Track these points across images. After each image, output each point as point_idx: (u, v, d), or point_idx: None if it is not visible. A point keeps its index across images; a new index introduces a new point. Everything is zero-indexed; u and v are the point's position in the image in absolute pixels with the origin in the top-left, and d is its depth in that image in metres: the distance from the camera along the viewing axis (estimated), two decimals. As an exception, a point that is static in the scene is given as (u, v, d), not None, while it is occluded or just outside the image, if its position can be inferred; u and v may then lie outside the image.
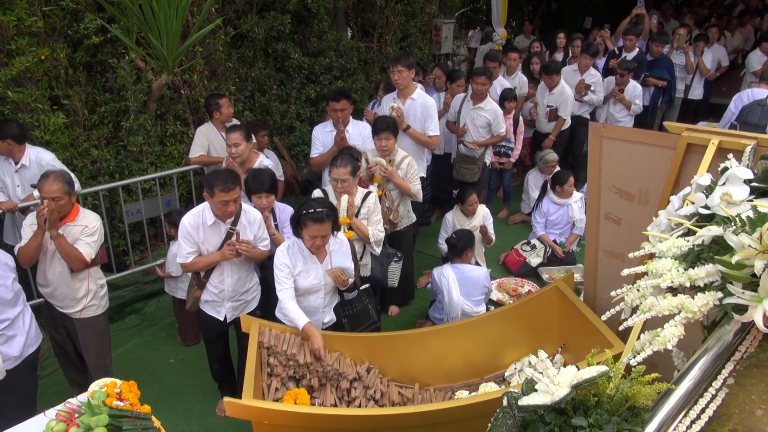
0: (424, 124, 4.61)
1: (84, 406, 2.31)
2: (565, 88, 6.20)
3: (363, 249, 3.86)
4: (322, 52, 6.38)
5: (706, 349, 1.27)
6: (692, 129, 2.35)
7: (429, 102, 4.66)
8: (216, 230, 3.28)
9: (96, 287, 3.37)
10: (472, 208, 4.80)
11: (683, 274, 1.27)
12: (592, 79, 6.60)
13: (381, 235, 3.80)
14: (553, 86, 6.16)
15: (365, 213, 3.77)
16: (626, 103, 6.51)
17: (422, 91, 4.80)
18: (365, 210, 3.77)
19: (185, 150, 5.17)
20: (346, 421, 2.63)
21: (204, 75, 5.27)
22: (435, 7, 7.63)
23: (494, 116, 5.37)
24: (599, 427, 1.22)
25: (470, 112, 5.41)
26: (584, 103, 6.60)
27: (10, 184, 4.07)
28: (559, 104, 6.19)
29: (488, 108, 5.37)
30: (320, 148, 4.48)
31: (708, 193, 1.42)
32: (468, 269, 4.03)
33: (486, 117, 5.36)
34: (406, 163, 4.23)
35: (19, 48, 4.16)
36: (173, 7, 4.35)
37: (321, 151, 4.47)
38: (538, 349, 2.66)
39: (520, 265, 5.37)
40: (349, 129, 4.43)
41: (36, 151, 4.06)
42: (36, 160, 4.02)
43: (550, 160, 5.87)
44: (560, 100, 6.18)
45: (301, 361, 3.01)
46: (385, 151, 4.16)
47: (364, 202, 3.77)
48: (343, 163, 3.58)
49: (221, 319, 3.44)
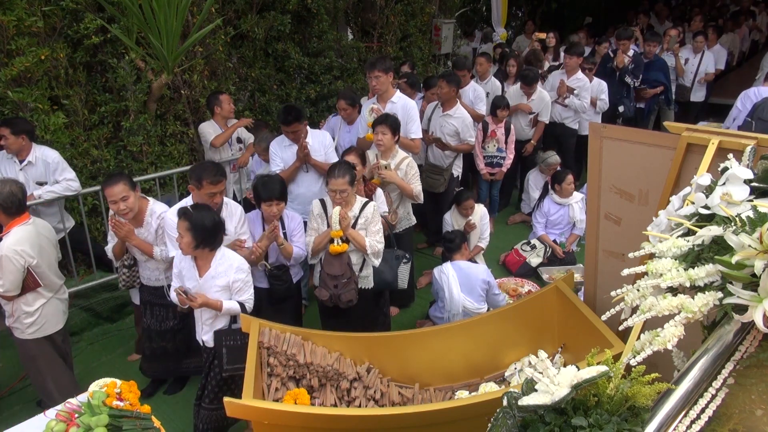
0: (406, 127, 4.50)
1: (84, 406, 2.31)
2: (544, 94, 6.08)
3: (362, 261, 3.67)
4: (322, 52, 6.38)
5: (706, 349, 1.27)
6: (692, 129, 2.35)
7: (410, 105, 4.56)
8: None
9: (20, 311, 3.22)
10: (467, 212, 4.91)
11: (683, 274, 1.27)
12: (578, 83, 6.31)
13: (380, 246, 3.62)
14: (531, 94, 6.03)
15: (363, 223, 3.59)
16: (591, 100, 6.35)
17: (402, 94, 4.68)
18: (363, 220, 3.60)
19: (185, 150, 5.18)
20: (346, 421, 2.63)
21: (204, 75, 5.28)
22: (435, 7, 7.63)
23: (462, 124, 5.09)
24: (599, 427, 1.21)
25: (439, 119, 5.16)
26: (567, 108, 6.33)
27: None
28: (541, 110, 6.06)
29: (457, 115, 5.09)
30: (280, 164, 4.22)
31: (708, 193, 1.41)
32: (467, 266, 4.05)
33: (453, 125, 5.09)
34: (405, 164, 4.20)
35: (19, 48, 4.16)
36: (173, 7, 4.35)
37: (282, 167, 4.20)
38: (538, 349, 2.66)
39: (520, 265, 5.37)
40: (309, 140, 4.17)
41: (41, 149, 4.08)
42: (42, 157, 4.05)
43: (552, 162, 5.81)
44: (541, 106, 6.05)
45: (301, 361, 3.01)
46: (380, 146, 4.10)
47: (362, 211, 3.60)
48: (341, 173, 3.43)
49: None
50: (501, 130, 5.71)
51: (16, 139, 3.91)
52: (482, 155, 5.79)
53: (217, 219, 3.00)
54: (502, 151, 5.77)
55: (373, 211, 3.62)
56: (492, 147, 5.75)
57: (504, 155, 5.79)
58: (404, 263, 3.90)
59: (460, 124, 5.08)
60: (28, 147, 4.00)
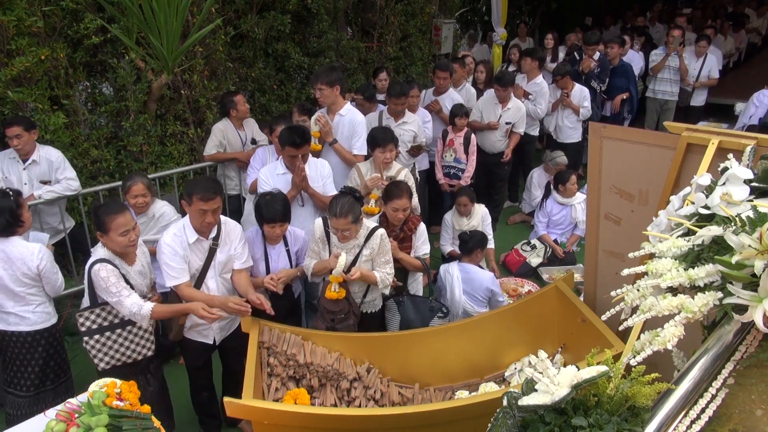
0: (350, 141, 4.31)
1: (84, 406, 2.31)
2: (519, 103, 5.73)
3: (367, 286, 3.44)
4: (322, 52, 6.38)
5: (706, 349, 1.27)
6: (692, 129, 2.35)
7: (357, 119, 4.31)
8: (199, 248, 3.05)
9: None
10: (463, 209, 4.90)
11: (683, 274, 1.27)
12: (535, 87, 6.10)
13: (390, 277, 3.34)
14: (507, 100, 5.60)
15: (368, 255, 3.27)
16: (574, 108, 6.21)
17: (352, 107, 4.47)
18: (368, 251, 3.27)
19: (185, 150, 5.18)
20: (346, 421, 2.63)
21: (204, 75, 5.27)
22: (435, 7, 7.62)
23: (417, 127, 4.96)
24: (599, 427, 1.22)
25: (396, 129, 4.72)
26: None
27: (17, 181, 4.05)
28: (517, 120, 5.68)
29: (411, 120, 4.96)
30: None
31: (708, 193, 1.41)
32: (474, 270, 4.04)
33: (412, 130, 4.92)
34: (403, 175, 4.06)
35: (19, 48, 4.16)
36: (173, 7, 4.35)
37: None
38: (538, 349, 2.65)
39: (520, 265, 5.38)
40: (306, 168, 3.72)
41: (44, 148, 4.09)
42: (45, 156, 4.05)
43: (559, 162, 5.74)
44: (518, 116, 5.66)
45: (301, 361, 3.01)
46: (388, 164, 3.99)
47: (367, 241, 3.26)
48: (343, 212, 3.06)
49: (210, 343, 3.24)
50: (460, 139, 5.33)
51: (30, 135, 3.92)
52: (441, 164, 5.49)
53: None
54: (460, 162, 5.37)
55: (380, 242, 3.28)
56: (449, 156, 5.42)
57: (463, 166, 5.37)
58: (439, 317, 3.56)
59: (416, 127, 4.97)
60: (34, 146, 4.01)
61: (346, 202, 3.10)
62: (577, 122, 6.35)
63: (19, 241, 3.13)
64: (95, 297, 2.95)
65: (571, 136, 6.44)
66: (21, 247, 3.11)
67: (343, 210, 3.07)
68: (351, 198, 3.14)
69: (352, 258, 3.29)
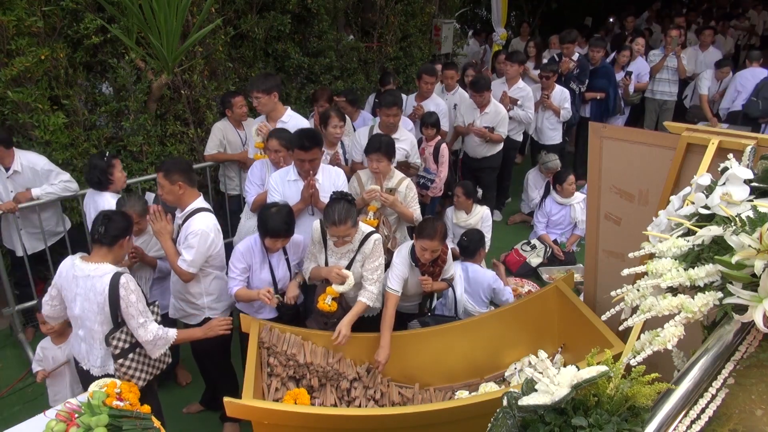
0: None
1: (84, 406, 2.32)
2: (499, 107, 5.54)
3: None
4: (322, 52, 6.38)
5: (706, 349, 1.27)
6: (692, 129, 2.35)
7: (300, 125, 4.06)
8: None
9: None
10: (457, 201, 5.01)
11: (683, 274, 1.27)
12: (520, 93, 5.92)
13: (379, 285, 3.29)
14: (485, 105, 5.46)
15: (360, 259, 3.22)
16: (555, 109, 6.13)
17: (294, 113, 4.28)
18: (360, 257, 3.22)
19: (185, 150, 5.18)
20: (346, 421, 2.64)
21: (204, 75, 5.27)
22: (435, 7, 7.63)
23: (411, 146, 4.64)
24: (599, 427, 1.22)
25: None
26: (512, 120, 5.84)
27: (3, 190, 3.99)
28: (497, 124, 5.51)
29: (403, 138, 4.57)
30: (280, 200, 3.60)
31: (708, 193, 1.41)
32: (476, 269, 4.03)
33: (404, 149, 4.55)
34: (404, 186, 3.84)
35: (19, 48, 4.16)
36: (173, 7, 4.35)
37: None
38: (538, 349, 2.65)
39: (520, 265, 5.38)
40: (319, 177, 3.56)
41: (26, 155, 4.00)
42: (29, 165, 3.96)
43: (552, 167, 5.73)
44: (497, 120, 5.50)
45: (301, 361, 3.01)
46: (377, 175, 3.72)
47: (361, 247, 3.22)
48: (342, 218, 2.99)
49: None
50: (430, 149, 5.02)
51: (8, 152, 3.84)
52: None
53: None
54: (430, 172, 5.04)
55: (372, 246, 3.22)
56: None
57: (432, 177, 5.03)
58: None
59: (410, 147, 4.65)
60: (9, 154, 3.90)
61: (343, 208, 3.02)
62: (557, 123, 6.31)
63: (108, 196, 3.54)
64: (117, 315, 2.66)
65: (553, 138, 6.39)
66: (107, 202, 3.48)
67: (341, 217, 2.99)
68: (345, 203, 3.07)
69: (347, 263, 3.25)
